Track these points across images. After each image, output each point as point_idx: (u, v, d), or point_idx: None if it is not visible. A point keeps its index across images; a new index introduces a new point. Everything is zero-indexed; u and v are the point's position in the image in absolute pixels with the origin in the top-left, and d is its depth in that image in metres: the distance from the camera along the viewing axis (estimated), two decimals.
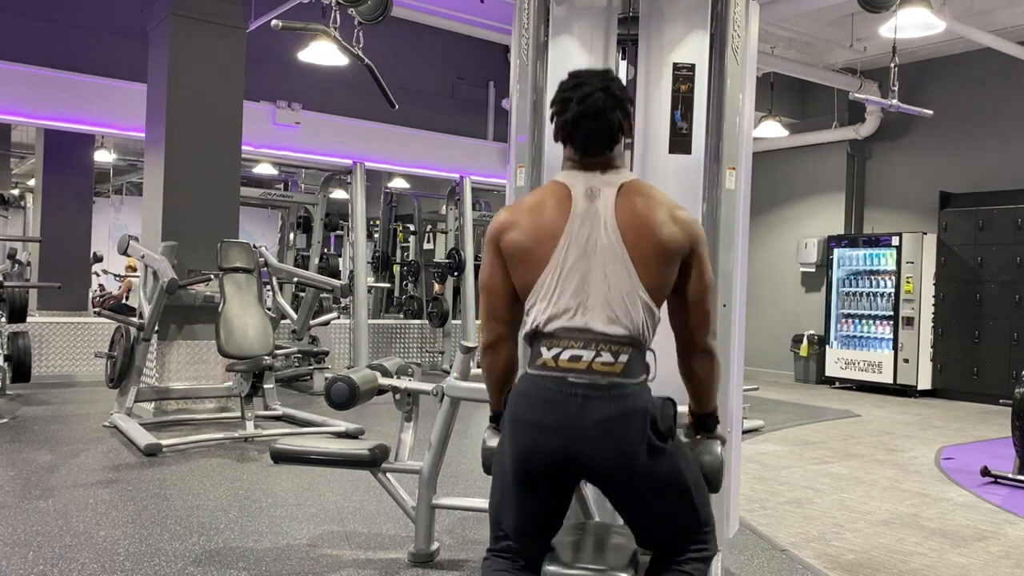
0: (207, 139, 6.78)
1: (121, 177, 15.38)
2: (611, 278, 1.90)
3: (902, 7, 6.20)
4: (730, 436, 2.81)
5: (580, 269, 1.91)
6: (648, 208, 1.95)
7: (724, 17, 2.76)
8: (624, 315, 1.89)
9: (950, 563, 3.67)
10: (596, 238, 1.92)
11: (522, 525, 1.97)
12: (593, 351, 1.88)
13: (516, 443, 1.93)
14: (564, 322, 1.90)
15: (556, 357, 1.90)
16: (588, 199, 1.95)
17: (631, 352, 1.90)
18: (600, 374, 1.87)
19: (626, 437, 1.87)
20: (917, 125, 10.21)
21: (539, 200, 2.02)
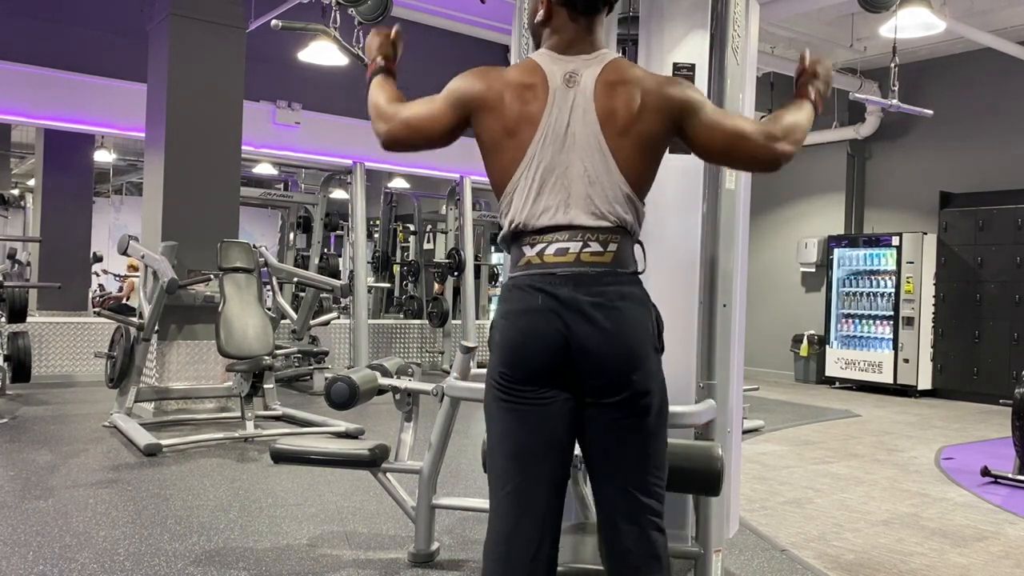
0: (207, 139, 6.78)
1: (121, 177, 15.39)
2: (591, 172, 1.79)
3: (902, 7, 6.20)
4: (730, 436, 2.81)
5: (559, 163, 1.80)
6: (628, 93, 1.81)
7: (724, 17, 2.76)
8: (608, 211, 1.79)
9: (950, 563, 3.67)
10: (574, 129, 1.80)
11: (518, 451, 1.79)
12: (580, 242, 1.77)
13: (506, 335, 1.80)
14: (546, 220, 1.80)
15: (541, 253, 1.79)
16: (566, 84, 1.83)
17: (620, 240, 1.80)
18: (589, 265, 1.77)
19: (634, 322, 1.77)
20: (917, 125, 10.21)
21: (515, 82, 1.86)
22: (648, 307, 1.83)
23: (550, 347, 1.75)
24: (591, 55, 1.89)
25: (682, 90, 1.87)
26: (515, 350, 1.79)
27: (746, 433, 6.24)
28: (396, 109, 2.02)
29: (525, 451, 1.80)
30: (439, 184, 12.49)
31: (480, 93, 1.88)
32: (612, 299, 1.76)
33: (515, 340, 1.79)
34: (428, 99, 1.97)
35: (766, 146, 1.85)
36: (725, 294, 2.74)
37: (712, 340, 2.73)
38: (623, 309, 1.77)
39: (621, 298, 1.77)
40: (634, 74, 1.86)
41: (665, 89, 1.85)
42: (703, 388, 2.73)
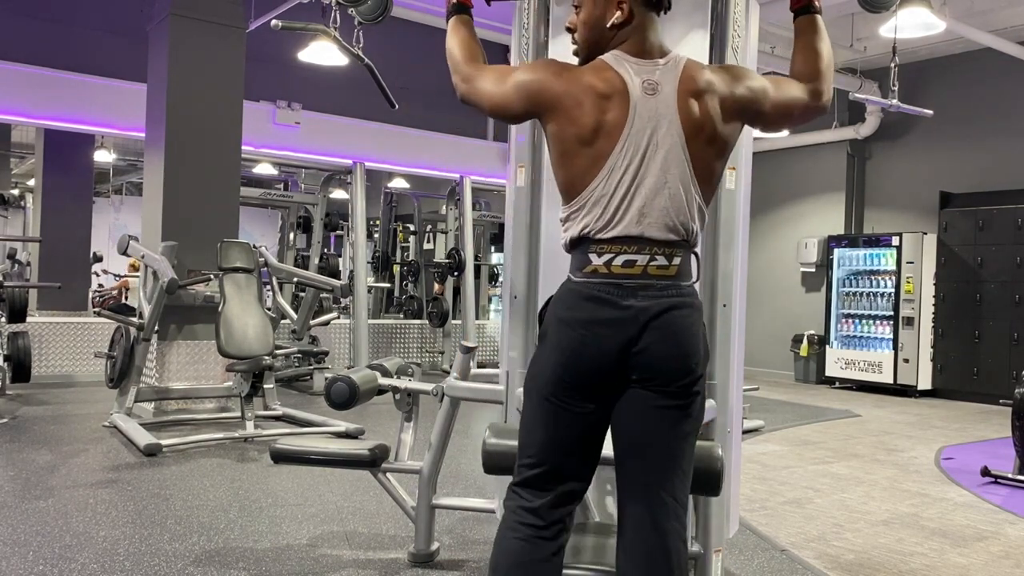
0: (207, 139, 6.78)
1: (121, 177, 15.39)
2: (671, 184, 1.83)
3: (902, 7, 6.20)
4: (730, 436, 2.81)
5: (639, 175, 1.82)
6: (709, 101, 1.86)
7: (724, 17, 2.76)
8: (681, 223, 1.84)
9: (950, 563, 3.67)
10: (657, 140, 1.82)
11: (554, 441, 1.86)
12: (648, 255, 1.82)
13: (563, 340, 1.83)
14: (619, 231, 1.82)
15: (608, 263, 1.83)
16: (647, 94, 1.84)
17: (683, 254, 1.86)
18: (655, 277, 1.82)
19: (691, 332, 1.84)
20: (917, 125, 10.22)
21: (593, 88, 1.84)
22: (701, 317, 1.91)
23: (608, 358, 1.81)
24: (665, 60, 1.90)
25: (748, 86, 1.92)
26: (572, 358, 1.83)
27: (746, 433, 6.24)
28: (472, 73, 2.03)
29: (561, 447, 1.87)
30: (439, 184, 12.49)
31: (556, 96, 1.86)
32: (674, 307, 1.82)
33: (574, 348, 1.83)
34: (502, 75, 1.98)
35: (816, 105, 1.96)
36: (725, 294, 2.74)
37: (712, 340, 2.73)
38: (682, 318, 1.84)
39: (682, 307, 1.84)
40: (708, 79, 1.89)
41: (736, 91, 1.90)
42: None
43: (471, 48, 2.10)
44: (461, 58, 2.08)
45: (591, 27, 1.95)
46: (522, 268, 2.78)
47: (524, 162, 2.85)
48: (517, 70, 1.97)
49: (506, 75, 1.97)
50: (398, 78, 7.14)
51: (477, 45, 2.12)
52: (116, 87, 8.09)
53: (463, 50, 2.09)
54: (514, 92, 1.93)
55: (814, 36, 2.00)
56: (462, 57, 2.08)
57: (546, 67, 1.93)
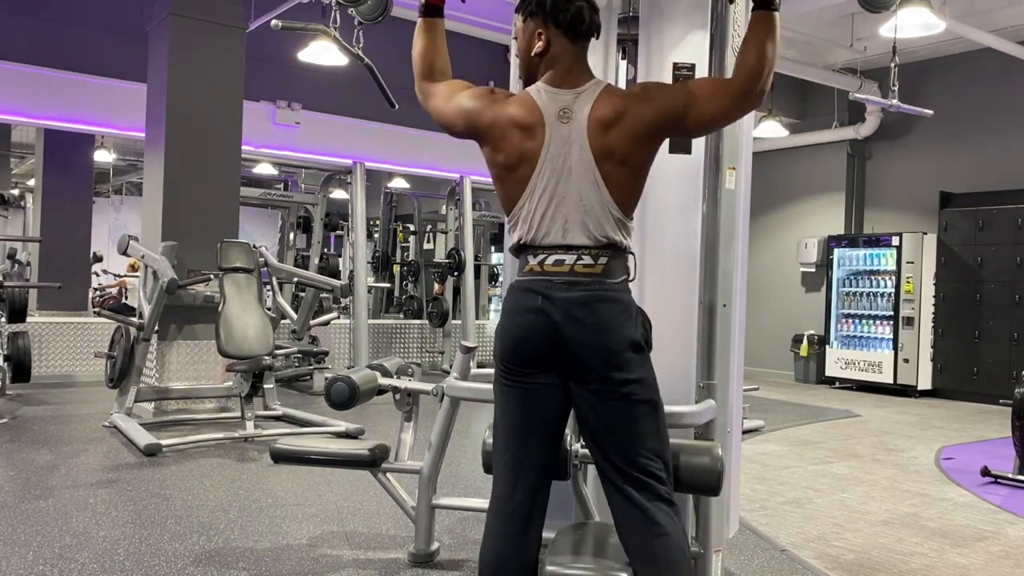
0: (207, 139, 6.77)
1: (121, 177, 15.38)
2: (586, 202, 2.02)
3: (902, 7, 6.20)
4: (730, 436, 2.81)
5: (557, 193, 2.03)
6: (619, 127, 2.02)
7: (724, 17, 2.76)
8: (601, 234, 2.03)
9: (950, 563, 3.67)
10: (570, 164, 2.02)
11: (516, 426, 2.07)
12: (575, 255, 2.03)
13: (507, 327, 2.08)
14: (547, 238, 2.05)
15: (541, 263, 2.05)
16: (561, 121, 2.04)
17: (610, 254, 2.04)
18: (582, 274, 2.03)
19: (615, 322, 2.01)
20: (917, 125, 10.22)
21: (515, 119, 2.07)
22: (630, 310, 2.06)
23: (542, 340, 2.02)
24: (582, 87, 2.08)
25: (662, 109, 2.04)
26: (514, 341, 2.06)
27: (746, 433, 6.24)
28: (427, 90, 2.27)
29: (520, 426, 2.08)
30: (439, 184, 12.48)
31: (485, 127, 2.11)
32: (596, 301, 2.01)
33: (514, 333, 2.07)
34: (450, 95, 2.20)
35: (745, 107, 2.08)
36: (725, 294, 2.74)
37: (712, 340, 2.73)
38: (605, 311, 2.01)
39: (604, 301, 2.02)
40: (621, 108, 2.04)
41: (649, 117, 2.03)
42: (703, 388, 2.73)
43: (430, 59, 2.27)
44: (418, 71, 2.28)
45: (522, 57, 2.19)
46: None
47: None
48: (460, 94, 2.18)
49: (452, 96, 2.19)
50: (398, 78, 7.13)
51: (439, 54, 2.28)
52: (116, 87, 8.09)
53: (422, 63, 2.28)
54: (454, 115, 2.18)
55: (765, 33, 2.04)
56: (419, 71, 2.28)
57: (481, 97, 2.14)
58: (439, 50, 2.28)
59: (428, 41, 2.28)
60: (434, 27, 2.29)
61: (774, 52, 2.05)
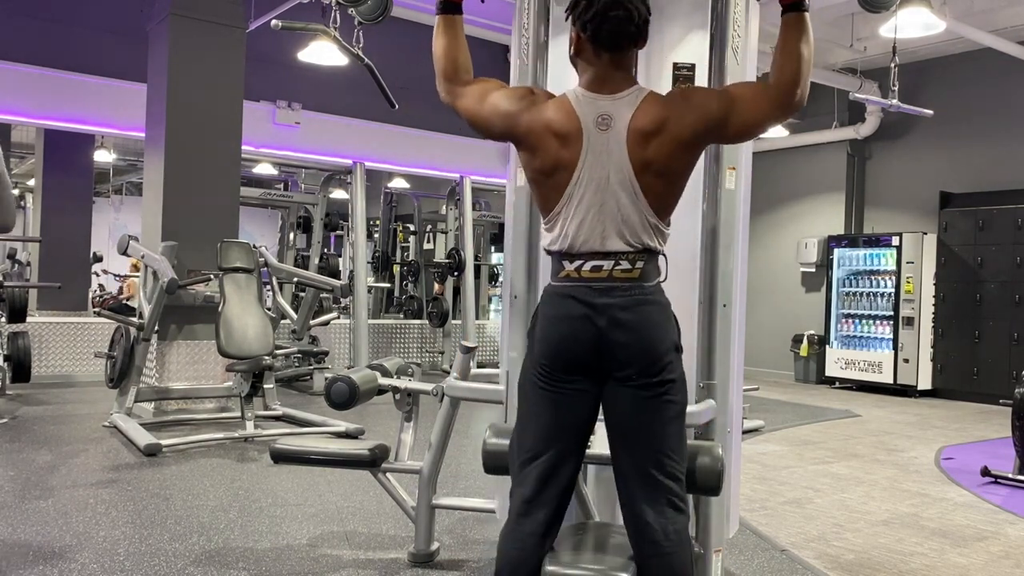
0: (207, 139, 6.77)
1: (121, 177, 15.38)
2: (624, 210, 2.01)
3: (902, 7, 6.20)
4: (730, 436, 2.81)
5: (595, 202, 2.01)
6: (661, 136, 1.98)
7: (724, 17, 2.76)
8: (637, 240, 2.02)
9: (950, 563, 3.67)
10: (608, 172, 1.99)
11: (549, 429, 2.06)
12: (612, 261, 2.02)
13: (549, 334, 2.06)
14: (583, 243, 2.04)
15: (578, 268, 2.04)
16: (600, 129, 2.00)
17: (646, 259, 2.04)
18: (620, 280, 2.02)
19: (658, 324, 2.03)
20: (917, 125, 10.21)
21: (552, 125, 2.03)
22: (668, 312, 2.08)
23: (586, 346, 2.02)
24: (622, 94, 2.03)
25: (705, 118, 2.00)
26: (555, 347, 2.05)
27: (746, 433, 6.24)
28: (456, 90, 2.21)
29: (552, 429, 2.06)
30: (439, 184, 12.48)
31: (521, 132, 2.07)
32: (638, 304, 2.02)
33: (554, 339, 2.06)
34: (483, 95, 2.16)
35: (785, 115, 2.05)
36: (725, 294, 2.73)
37: (712, 340, 2.73)
38: (646, 312, 2.02)
39: (645, 304, 2.03)
40: (663, 117, 1.99)
41: (692, 127, 1.99)
42: (703, 388, 2.73)
43: (453, 57, 2.22)
44: (441, 71, 2.23)
45: (570, 57, 2.14)
46: (522, 268, 2.78)
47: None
48: (494, 94, 2.14)
49: (486, 96, 2.15)
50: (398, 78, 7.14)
51: (461, 51, 2.23)
52: (116, 87, 8.09)
53: (445, 61, 2.22)
54: (491, 116, 2.13)
55: (799, 37, 1.99)
56: (442, 70, 2.23)
57: (519, 99, 2.10)
58: (461, 47, 2.23)
59: (449, 38, 2.23)
60: (453, 24, 2.24)
61: (810, 53, 2.00)
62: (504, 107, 2.10)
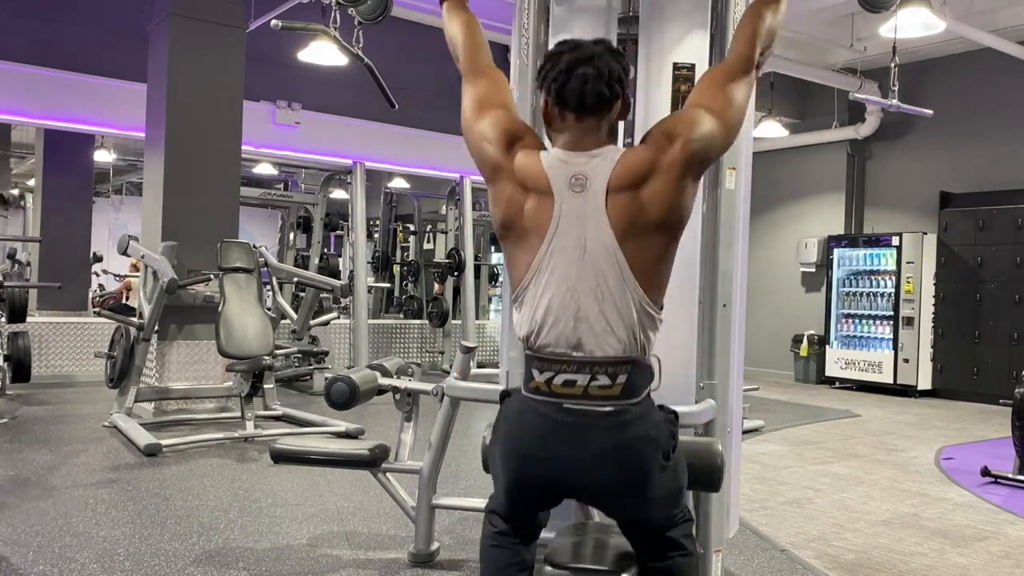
0: (207, 139, 6.77)
1: (121, 177, 15.37)
2: (603, 287, 1.72)
3: (902, 7, 6.20)
4: (730, 436, 2.81)
5: (569, 276, 1.72)
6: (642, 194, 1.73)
7: (724, 17, 2.76)
8: (620, 328, 1.72)
9: (950, 563, 3.67)
10: (585, 242, 1.72)
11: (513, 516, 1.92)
12: (588, 375, 1.72)
13: (509, 468, 1.82)
14: (554, 337, 1.74)
15: (549, 381, 1.74)
16: (573, 191, 1.73)
17: (630, 370, 1.73)
18: (597, 399, 1.72)
19: (634, 467, 1.74)
20: (917, 125, 10.21)
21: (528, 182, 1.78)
22: (656, 433, 1.78)
23: (550, 488, 1.80)
24: (598, 151, 1.78)
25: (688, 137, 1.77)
26: (515, 486, 1.82)
27: (746, 433, 6.24)
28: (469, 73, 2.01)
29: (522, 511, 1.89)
30: (439, 184, 12.47)
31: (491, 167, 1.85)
32: (620, 445, 1.72)
33: (515, 480, 1.81)
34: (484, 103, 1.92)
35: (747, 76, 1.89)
36: (725, 294, 2.74)
37: (712, 340, 2.73)
38: (630, 453, 1.73)
39: (628, 443, 1.73)
40: (648, 158, 1.76)
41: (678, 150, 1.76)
42: (703, 388, 2.73)
43: (471, 38, 2.06)
44: (461, 53, 2.06)
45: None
46: None
47: None
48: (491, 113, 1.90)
49: (488, 104, 1.92)
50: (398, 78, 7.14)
51: (475, 32, 2.08)
52: (116, 87, 8.09)
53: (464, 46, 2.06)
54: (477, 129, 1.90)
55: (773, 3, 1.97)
56: (461, 51, 2.06)
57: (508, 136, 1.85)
58: (477, 27, 2.07)
59: (461, 18, 2.08)
60: (462, 5, 2.12)
61: (776, 21, 1.94)
62: (490, 132, 1.86)
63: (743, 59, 1.91)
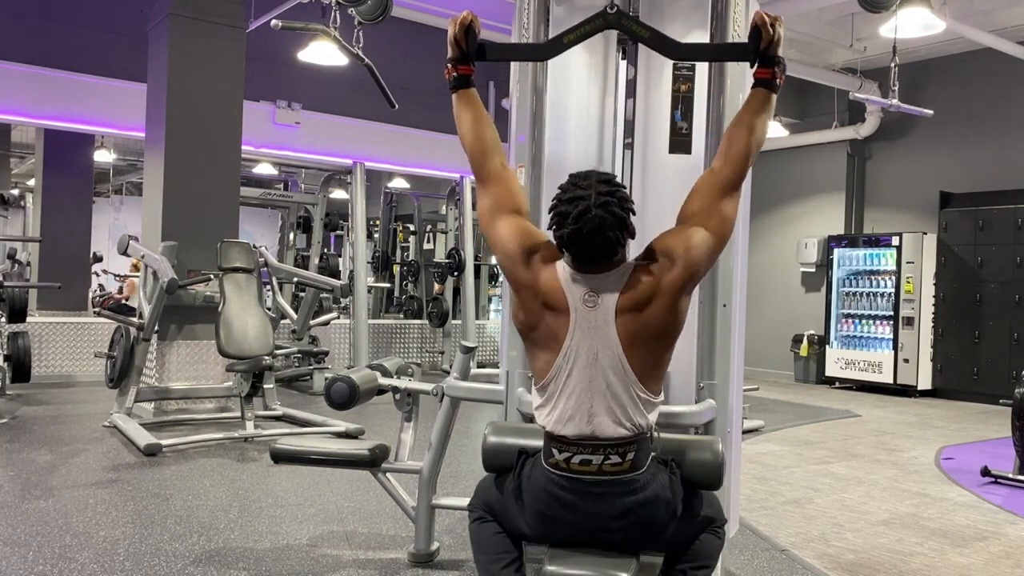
0: (207, 139, 6.77)
1: (121, 177, 15.38)
2: (612, 388, 1.93)
3: (902, 7, 6.20)
4: (730, 436, 2.81)
5: (582, 379, 1.94)
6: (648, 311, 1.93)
7: (724, 17, 2.76)
8: (627, 418, 1.94)
9: (950, 563, 3.67)
10: (597, 350, 1.93)
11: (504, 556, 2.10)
12: (602, 455, 1.94)
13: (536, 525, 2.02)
14: (572, 429, 1.95)
15: (567, 460, 1.96)
16: (587, 307, 1.94)
17: (636, 447, 1.95)
18: (610, 473, 1.94)
19: (648, 522, 1.97)
20: (917, 125, 10.21)
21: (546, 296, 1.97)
22: (663, 493, 1.99)
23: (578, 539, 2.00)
24: (608, 272, 1.96)
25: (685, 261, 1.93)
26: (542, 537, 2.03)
27: (746, 433, 6.24)
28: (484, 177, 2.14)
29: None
30: (439, 184, 12.47)
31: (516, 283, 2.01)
32: (629, 509, 1.95)
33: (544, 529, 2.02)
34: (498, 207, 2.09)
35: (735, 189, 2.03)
36: (725, 294, 2.74)
37: (712, 340, 2.73)
38: (642, 512, 1.96)
39: (639, 505, 1.95)
40: (651, 283, 1.93)
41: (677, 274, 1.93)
42: (703, 388, 2.73)
43: (481, 135, 2.15)
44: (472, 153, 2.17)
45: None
46: None
47: (524, 162, 2.85)
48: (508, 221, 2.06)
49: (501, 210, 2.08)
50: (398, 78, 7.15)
51: (486, 125, 2.16)
52: (116, 87, 8.09)
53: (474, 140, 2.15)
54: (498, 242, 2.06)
55: (760, 113, 2.03)
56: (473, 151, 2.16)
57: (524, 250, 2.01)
58: (487, 121, 2.16)
59: (472, 116, 2.16)
60: (470, 98, 2.17)
61: (763, 134, 2.03)
62: (510, 248, 2.03)
63: (733, 179, 2.03)
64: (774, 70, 2.03)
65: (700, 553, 2.08)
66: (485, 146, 2.15)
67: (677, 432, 2.45)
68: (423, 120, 9.94)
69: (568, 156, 2.86)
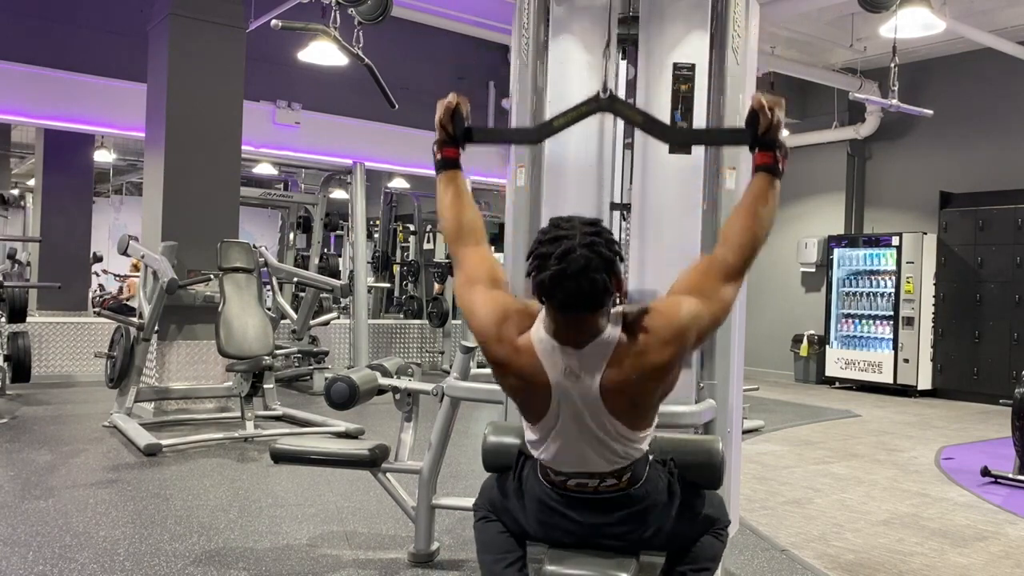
0: (207, 139, 6.77)
1: (121, 177, 15.37)
2: (603, 442, 1.88)
3: (902, 7, 6.20)
4: (730, 436, 2.81)
5: (572, 429, 1.87)
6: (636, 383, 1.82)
7: (724, 17, 2.76)
8: (622, 455, 1.90)
9: (950, 563, 3.67)
10: (585, 417, 1.85)
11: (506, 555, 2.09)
12: (598, 480, 1.92)
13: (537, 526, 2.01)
14: (566, 467, 1.93)
15: (563, 482, 1.94)
16: (567, 379, 1.83)
17: (633, 468, 1.93)
18: (607, 490, 1.93)
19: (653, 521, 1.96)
20: (917, 125, 10.21)
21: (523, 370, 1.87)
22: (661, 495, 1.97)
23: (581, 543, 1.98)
24: (588, 348, 1.82)
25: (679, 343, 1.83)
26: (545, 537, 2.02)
27: (746, 433, 6.23)
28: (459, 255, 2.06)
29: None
30: None
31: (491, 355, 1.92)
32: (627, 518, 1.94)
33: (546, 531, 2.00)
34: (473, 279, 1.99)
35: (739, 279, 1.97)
36: None
37: (712, 340, 2.73)
38: (641, 519, 1.95)
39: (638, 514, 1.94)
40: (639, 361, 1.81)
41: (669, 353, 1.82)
42: (703, 388, 2.73)
43: (457, 215, 2.09)
44: (446, 231, 2.12)
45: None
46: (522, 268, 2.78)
47: (524, 162, 2.85)
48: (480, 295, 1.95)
49: (476, 281, 1.98)
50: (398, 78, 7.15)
51: (466, 206, 2.11)
52: (116, 87, 8.09)
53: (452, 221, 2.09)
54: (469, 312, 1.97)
55: (765, 201, 1.91)
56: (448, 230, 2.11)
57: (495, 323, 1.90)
58: (467, 203, 2.11)
59: (452, 196, 2.10)
60: (455, 180, 2.12)
61: (770, 221, 1.93)
62: (484, 323, 1.92)
63: (739, 267, 1.96)
64: (775, 154, 1.91)
65: (701, 555, 2.06)
66: (461, 226, 2.08)
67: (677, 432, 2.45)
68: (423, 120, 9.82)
69: (568, 156, 2.86)
